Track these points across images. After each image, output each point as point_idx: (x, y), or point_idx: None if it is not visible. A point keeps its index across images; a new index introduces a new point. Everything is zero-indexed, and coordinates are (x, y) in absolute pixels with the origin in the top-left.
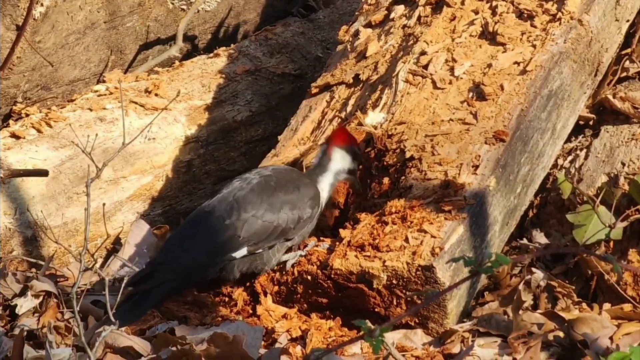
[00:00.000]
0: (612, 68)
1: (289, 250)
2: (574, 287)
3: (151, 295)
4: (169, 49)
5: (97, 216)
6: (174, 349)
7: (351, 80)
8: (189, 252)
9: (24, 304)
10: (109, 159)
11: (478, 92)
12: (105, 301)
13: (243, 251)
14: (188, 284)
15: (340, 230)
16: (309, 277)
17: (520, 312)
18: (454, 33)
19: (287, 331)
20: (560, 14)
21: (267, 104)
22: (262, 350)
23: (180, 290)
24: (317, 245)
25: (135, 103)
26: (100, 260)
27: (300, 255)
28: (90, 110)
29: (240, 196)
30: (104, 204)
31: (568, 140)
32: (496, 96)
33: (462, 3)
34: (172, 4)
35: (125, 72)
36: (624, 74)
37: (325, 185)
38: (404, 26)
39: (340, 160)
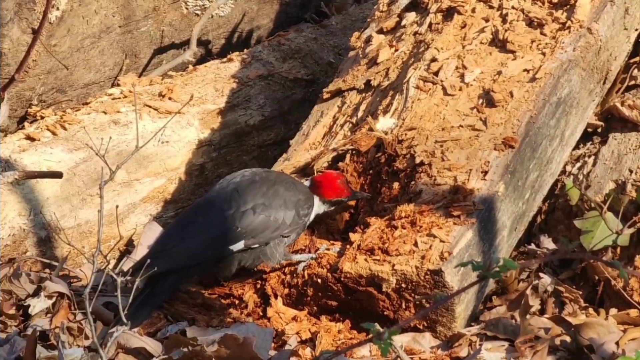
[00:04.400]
0: (621, 76)
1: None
2: (580, 293)
3: (156, 292)
4: (183, 54)
5: (111, 218)
6: (185, 350)
7: (362, 86)
8: (187, 241)
9: (37, 305)
10: (122, 162)
11: (488, 99)
12: (117, 302)
13: (240, 244)
14: (188, 275)
15: (351, 234)
16: (319, 280)
17: (528, 316)
18: (464, 40)
19: (297, 333)
20: (569, 22)
21: (279, 109)
22: (272, 352)
23: (181, 283)
24: (327, 249)
25: (149, 106)
26: (113, 262)
27: (312, 258)
28: (105, 113)
29: (242, 187)
30: (117, 206)
31: (576, 147)
32: (506, 103)
33: (473, 11)
34: (187, 9)
35: (139, 76)
36: (632, 82)
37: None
38: (415, 33)
39: (317, 207)
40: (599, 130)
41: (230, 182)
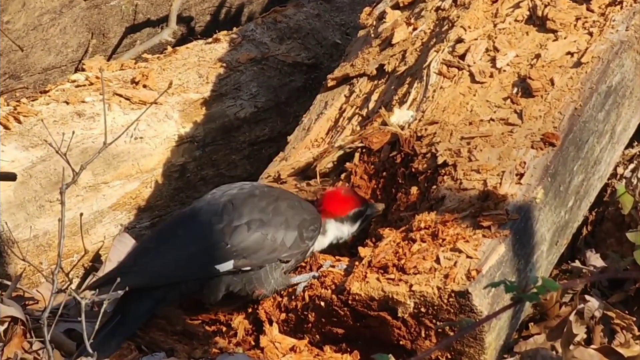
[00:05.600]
0: None
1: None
2: (634, 319)
3: (128, 319)
4: (160, 33)
5: (74, 228)
6: None
7: (374, 72)
8: (164, 257)
9: None
10: (87, 161)
11: (524, 88)
12: (81, 330)
13: (229, 264)
14: (166, 300)
15: (360, 249)
16: (323, 303)
17: (571, 347)
18: (496, 17)
19: None
20: None
21: (275, 99)
22: None
23: (158, 308)
24: (332, 266)
25: (120, 96)
26: (76, 281)
27: (313, 277)
28: (67, 103)
29: (238, 197)
30: (81, 214)
31: (629, 145)
32: (545, 92)
33: None
34: None
35: (108, 59)
36: None
37: (318, 247)
38: (438, 8)
39: (335, 231)
40: None
41: (225, 193)
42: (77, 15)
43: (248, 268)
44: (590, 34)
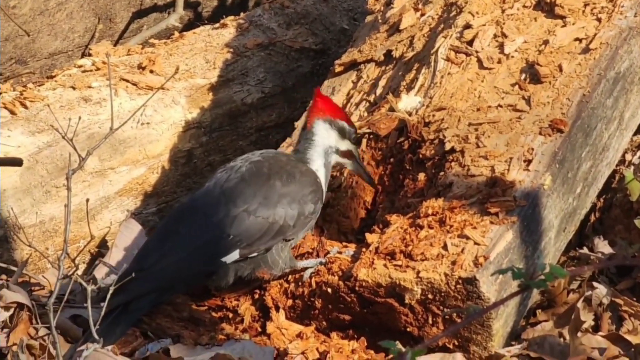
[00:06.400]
0: None
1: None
2: None
3: (131, 308)
4: (167, 18)
5: (80, 214)
6: None
7: (382, 58)
8: (168, 257)
9: None
10: (94, 147)
11: (532, 74)
12: (87, 315)
13: (235, 254)
14: (171, 294)
15: (367, 235)
16: (329, 290)
17: (579, 334)
18: (504, 3)
19: (303, 353)
20: None
21: (282, 84)
22: None
23: (162, 301)
24: (339, 252)
25: (127, 81)
26: (82, 267)
27: (320, 264)
28: (73, 88)
29: (229, 187)
30: (87, 200)
31: (638, 132)
32: (553, 78)
33: None
34: None
35: (115, 44)
36: None
37: (318, 166)
38: None
39: (325, 135)
40: None
41: (218, 181)
42: (83, 0)
43: (255, 254)
44: (599, 20)
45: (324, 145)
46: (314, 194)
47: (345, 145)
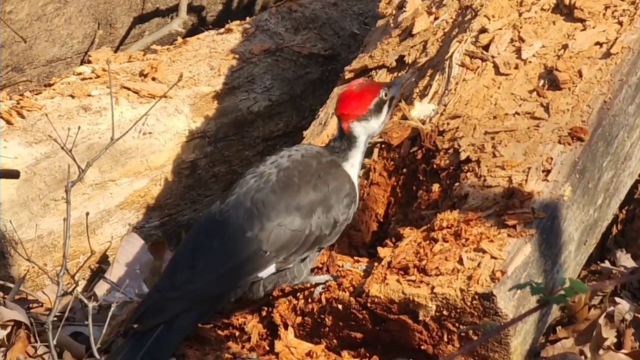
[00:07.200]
0: None
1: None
2: None
3: (171, 333)
4: (169, 23)
5: (80, 228)
6: None
7: (394, 63)
8: (202, 276)
9: None
10: (94, 158)
11: (550, 80)
12: (88, 333)
13: (271, 269)
14: (209, 313)
15: (379, 249)
16: (340, 306)
17: (601, 351)
18: (521, 6)
19: None
20: None
21: (290, 92)
22: None
23: (202, 320)
24: (351, 267)
25: (128, 89)
26: (82, 283)
27: (331, 279)
28: (72, 97)
29: (260, 200)
30: (87, 214)
31: None
32: (573, 85)
33: None
34: None
35: (115, 51)
36: None
37: (355, 162)
38: None
39: (365, 130)
40: None
41: (246, 190)
42: (82, 4)
43: (290, 265)
44: (620, 23)
45: (367, 135)
46: (348, 198)
47: (385, 110)
